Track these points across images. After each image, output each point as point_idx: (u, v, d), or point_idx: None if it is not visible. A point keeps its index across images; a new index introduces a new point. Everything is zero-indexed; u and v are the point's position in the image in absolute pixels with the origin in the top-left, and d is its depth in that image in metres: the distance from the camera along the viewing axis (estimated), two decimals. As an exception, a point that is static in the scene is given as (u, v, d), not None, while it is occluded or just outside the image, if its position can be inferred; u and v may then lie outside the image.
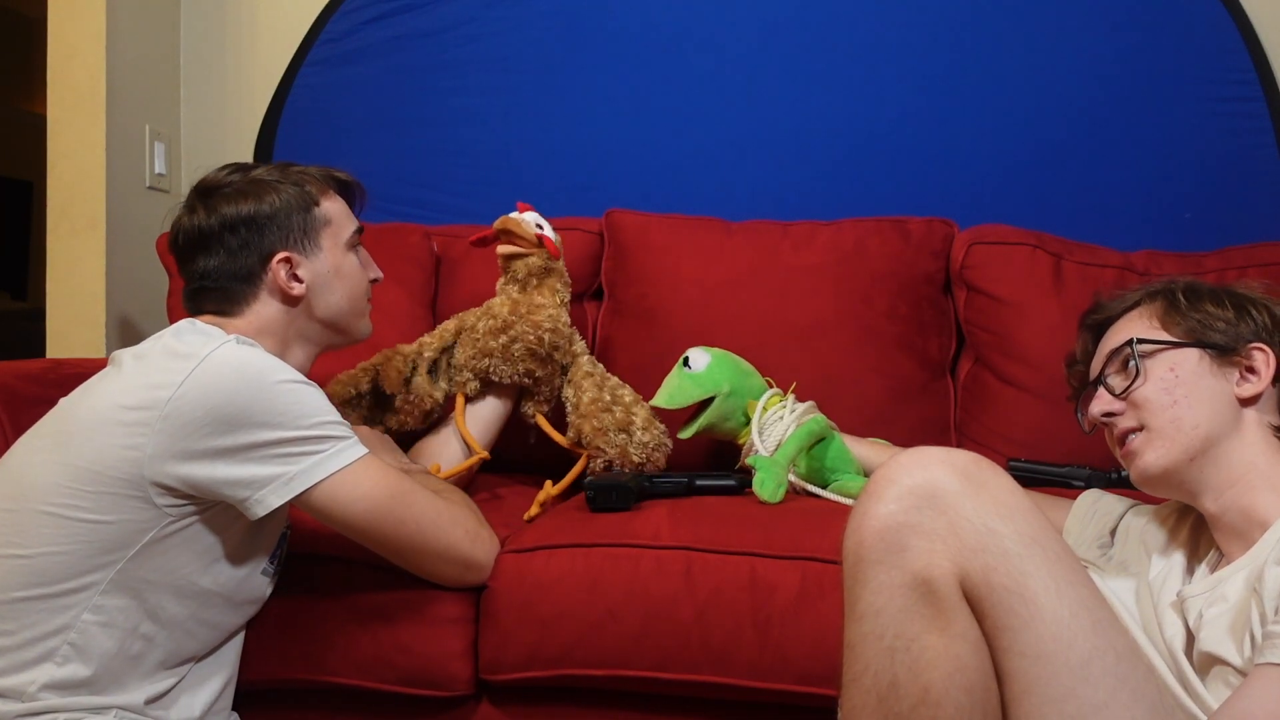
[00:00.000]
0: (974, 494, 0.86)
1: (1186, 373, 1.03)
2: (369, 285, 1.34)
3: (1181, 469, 1.02)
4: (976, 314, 1.82)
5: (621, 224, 1.93)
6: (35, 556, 1.07)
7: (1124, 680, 0.81)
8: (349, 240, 1.30)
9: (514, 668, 1.28)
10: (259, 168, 1.28)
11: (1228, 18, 2.01)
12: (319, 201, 1.27)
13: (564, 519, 1.39)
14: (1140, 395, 1.04)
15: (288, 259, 1.23)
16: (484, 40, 2.18)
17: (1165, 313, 1.07)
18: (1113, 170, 2.03)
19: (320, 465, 1.11)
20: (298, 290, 1.24)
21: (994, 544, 0.84)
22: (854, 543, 0.88)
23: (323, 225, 1.27)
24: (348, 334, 1.32)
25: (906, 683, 0.83)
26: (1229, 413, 1.02)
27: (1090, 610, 0.83)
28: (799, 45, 2.11)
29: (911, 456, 0.89)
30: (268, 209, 1.23)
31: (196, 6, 2.29)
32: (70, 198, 2.01)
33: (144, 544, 1.09)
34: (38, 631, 1.07)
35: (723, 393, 1.55)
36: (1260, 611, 0.89)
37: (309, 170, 1.29)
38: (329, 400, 1.16)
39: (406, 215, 2.09)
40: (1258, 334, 1.03)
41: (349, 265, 1.30)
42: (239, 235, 1.22)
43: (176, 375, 1.08)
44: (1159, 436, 1.03)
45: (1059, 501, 1.27)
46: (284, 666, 1.29)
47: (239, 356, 1.11)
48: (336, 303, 1.28)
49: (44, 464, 1.09)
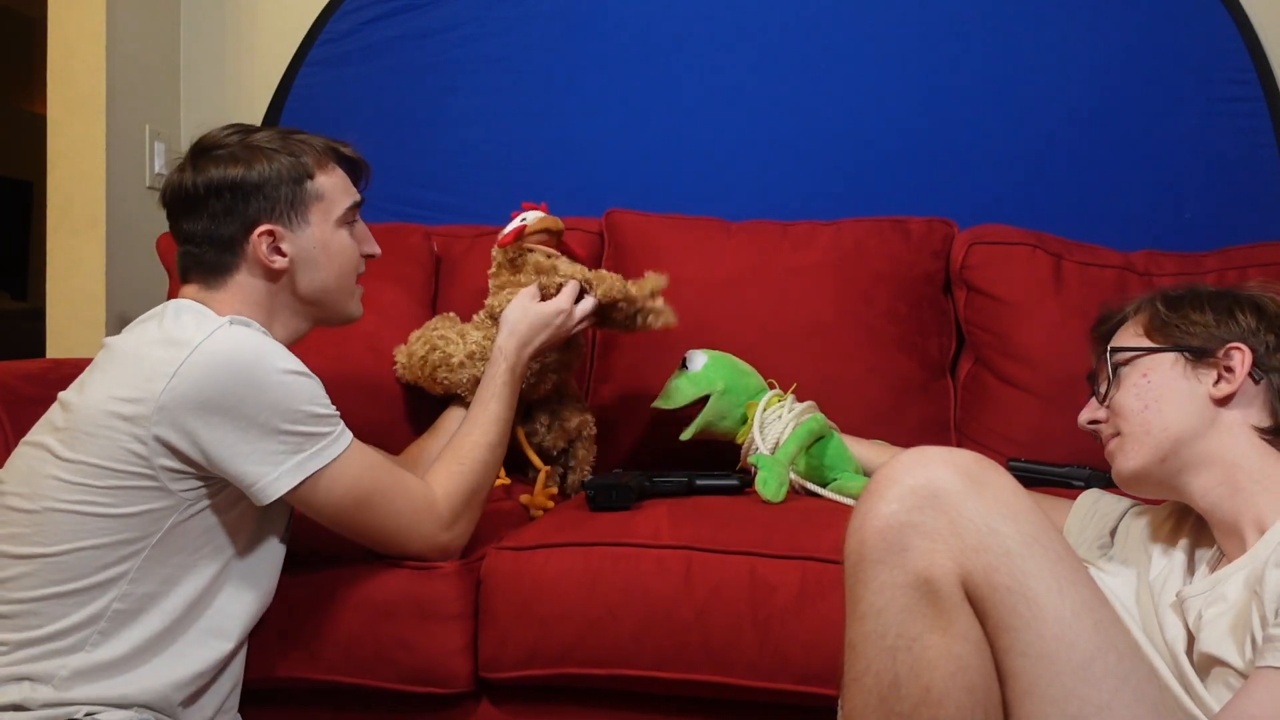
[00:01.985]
0: (976, 494, 0.86)
1: (1159, 377, 1.04)
2: (360, 263, 1.30)
3: (1154, 470, 1.03)
4: (976, 314, 1.82)
5: (621, 224, 1.93)
6: (60, 555, 1.07)
7: (1126, 680, 0.82)
8: (342, 216, 1.25)
9: (513, 666, 1.28)
10: (261, 131, 1.24)
11: (1228, 18, 2.01)
12: (313, 174, 1.23)
13: (564, 518, 1.40)
14: (1116, 402, 1.07)
15: (271, 231, 1.19)
16: (484, 40, 2.18)
17: (1149, 321, 1.09)
18: (1113, 170, 2.03)
19: (309, 460, 1.11)
20: (279, 264, 1.20)
21: (996, 544, 0.84)
22: (856, 542, 0.88)
23: (313, 199, 1.22)
24: (333, 314, 1.29)
25: (908, 682, 0.83)
26: (1203, 414, 1.02)
27: (1092, 610, 0.83)
28: (799, 45, 2.10)
29: (913, 456, 0.89)
30: (255, 177, 1.19)
31: (196, 6, 2.29)
32: (70, 198, 2.01)
33: (166, 529, 1.09)
34: (68, 623, 1.07)
35: (717, 390, 1.56)
36: (1261, 614, 0.89)
37: (311, 140, 1.25)
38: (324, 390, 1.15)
39: (406, 215, 2.09)
40: (1241, 335, 1.03)
41: (338, 242, 1.25)
42: (223, 200, 1.18)
43: (168, 365, 1.07)
44: (1130, 440, 1.04)
45: (1059, 502, 1.27)
46: (285, 665, 1.29)
47: (233, 342, 1.09)
48: (321, 280, 1.24)
49: (55, 463, 1.08)
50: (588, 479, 1.44)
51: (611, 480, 1.41)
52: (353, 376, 1.69)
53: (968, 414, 1.81)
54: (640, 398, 1.69)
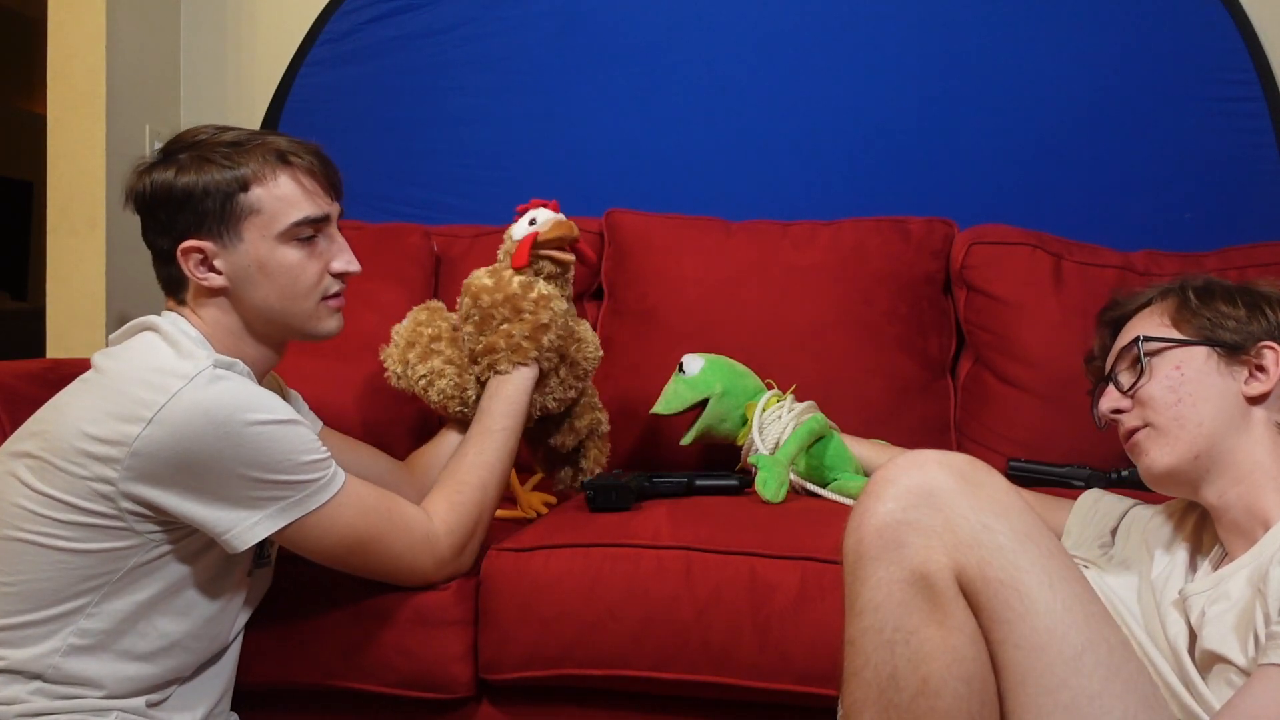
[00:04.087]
0: (969, 493, 0.88)
1: (1193, 371, 1.03)
2: (323, 280, 1.18)
3: (1186, 466, 1.02)
4: (976, 314, 1.82)
5: (621, 224, 1.93)
6: (20, 584, 1.05)
7: (1117, 671, 0.83)
8: (285, 231, 1.14)
9: (514, 667, 1.28)
10: (231, 131, 1.16)
11: (1228, 18, 2.01)
12: (248, 186, 1.12)
13: (564, 519, 1.40)
14: (1145, 393, 1.05)
15: (199, 248, 1.12)
16: (484, 40, 2.17)
17: (1177, 310, 1.08)
18: (1113, 170, 2.03)
19: (290, 508, 1.08)
20: (214, 282, 1.13)
21: (989, 540, 0.85)
22: (854, 540, 0.89)
23: (247, 214, 1.12)
24: (298, 333, 1.20)
25: (906, 674, 0.85)
26: (1236, 411, 1.02)
27: (1083, 604, 0.85)
28: (799, 45, 2.10)
29: (909, 458, 0.91)
30: (183, 188, 1.11)
31: (196, 6, 2.29)
32: (70, 198, 2.01)
33: (128, 569, 1.07)
34: (28, 654, 1.05)
35: (715, 393, 1.55)
36: (1265, 612, 0.89)
37: (269, 144, 1.15)
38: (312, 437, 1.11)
39: (406, 215, 2.09)
40: (1270, 333, 1.03)
41: (278, 259, 1.14)
42: (159, 213, 1.13)
43: (145, 410, 1.02)
44: (1163, 434, 1.03)
45: (1060, 502, 1.27)
46: (284, 670, 1.29)
47: (210, 396, 1.04)
48: (264, 299, 1.15)
49: (22, 491, 1.05)
50: (587, 479, 1.44)
51: (611, 481, 1.41)
52: (352, 376, 1.69)
53: (968, 414, 1.81)
54: (639, 399, 1.69)
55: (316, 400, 1.43)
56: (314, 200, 1.17)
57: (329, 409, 1.48)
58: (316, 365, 1.24)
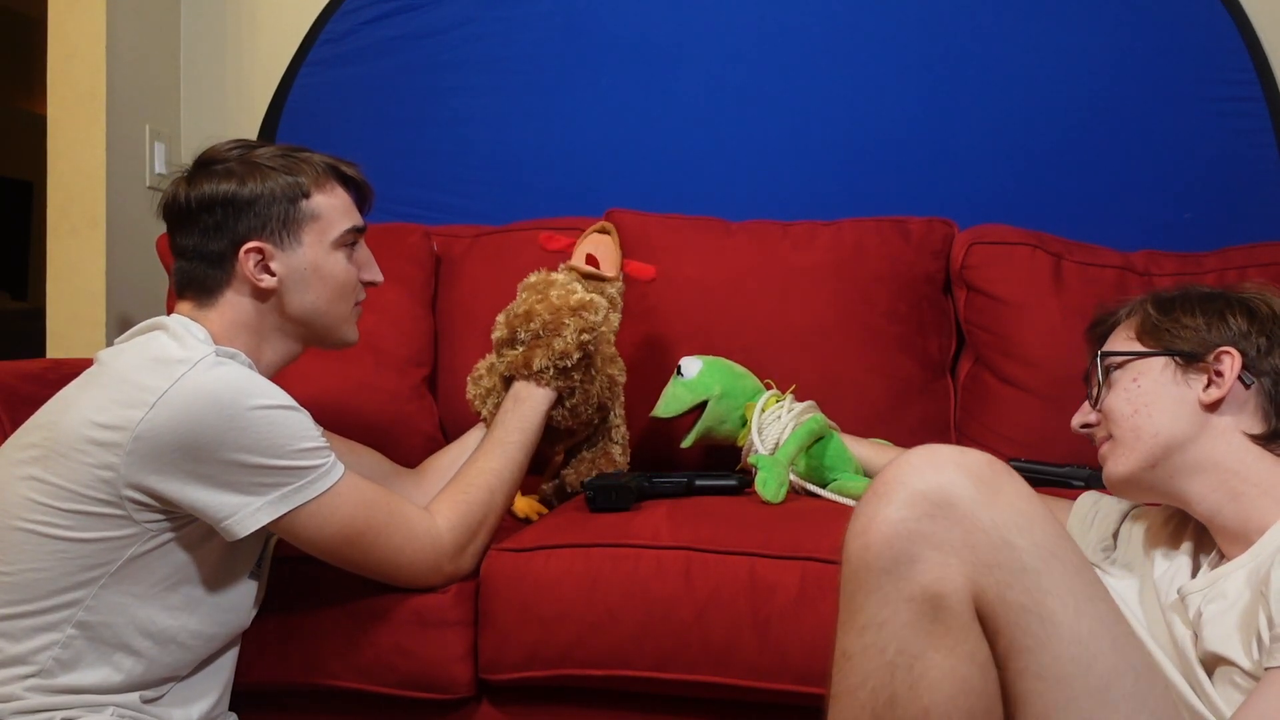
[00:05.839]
0: (989, 502, 0.82)
1: (1149, 381, 1.04)
2: (358, 289, 1.27)
3: (1144, 475, 1.03)
4: (976, 314, 1.82)
5: (621, 224, 1.92)
6: (17, 574, 1.06)
7: (1143, 702, 0.79)
8: (339, 238, 1.23)
9: (514, 668, 1.28)
10: (264, 147, 1.22)
11: (1228, 18, 2.00)
12: (309, 193, 1.20)
13: (564, 519, 1.40)
14: (1107, 406, 1.06)
15: (259, 249, 1.17)
16: (484, 40, 2.17)
17: (1140, 324, 1.09)
18: (1113, 170, 2.03)
19: (291, 495, 1.09)
20: (267, 283, 1.18)
21: (1011, 559, 0.80)
22: (859, 546, 0.84)
23: (308, 219, 1.20)
24: (325, 338, 1.26)
25: (906, 701, 0.80)
26: (1193, 419, 1.01)
27: (1109, 627, 0.81)
28: (799, 45, 2.10)
29: (922, 456, 0.85)
30: (248, 193, 1.17)
31: (196, 6, 2.29)
32: (70, 198, 2.01)
33: (125, 559, 1.07)
34: (26, 647, 1.05)
35: (714, 395, 1.55)
36: (1267, 614, 0.88)
37: (313, 158, 1.23)
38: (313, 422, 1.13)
39: (406, 215, 2.08)
40: (1232, 339, 1.02)
41: (331, 265, 1.22)
42: (215, 216, 1.17)
43: (149, 395, 1.04)
44: (1120, 445, 1.04)
45: (1060, 502, 1.27)
46: (284, 670, 1.29)
47: (213, 379, 1.06)
48: (312, 303, 1.21)
49: (24, 480, 1.07)
50: (587, 479, 1.44)
51: (611, 481, 1.41)
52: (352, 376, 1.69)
53: (967, 414, 1.81)
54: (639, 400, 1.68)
55: (316, 401, 1.42)
56: (358, 212, 1.27)
57: (328, 409, 1.48)
58: (315, 366, 1.25)
